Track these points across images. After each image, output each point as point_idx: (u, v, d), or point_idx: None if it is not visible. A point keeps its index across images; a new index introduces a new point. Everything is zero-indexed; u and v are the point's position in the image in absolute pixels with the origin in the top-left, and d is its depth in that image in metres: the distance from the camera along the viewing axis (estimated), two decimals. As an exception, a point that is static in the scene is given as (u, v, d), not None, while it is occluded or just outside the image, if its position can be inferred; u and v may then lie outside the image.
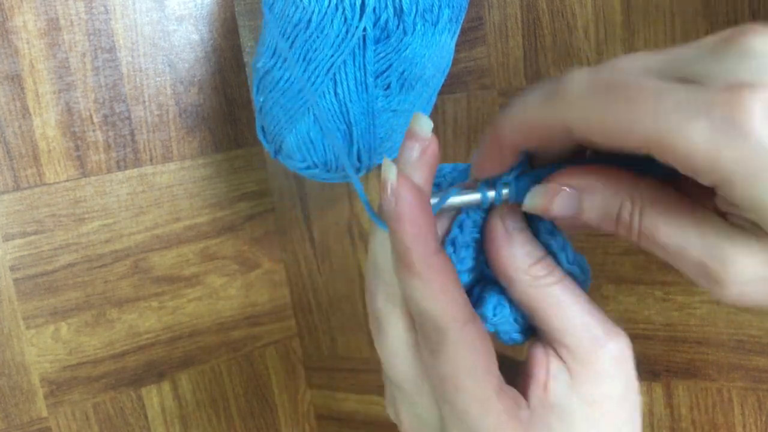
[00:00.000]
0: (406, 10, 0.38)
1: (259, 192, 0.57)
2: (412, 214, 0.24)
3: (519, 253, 0.26)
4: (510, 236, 0.26)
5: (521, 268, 0.26)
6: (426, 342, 0.25)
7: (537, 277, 0.26)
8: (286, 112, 0.42)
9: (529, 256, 0.26)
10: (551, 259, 0.27)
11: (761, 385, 0.41)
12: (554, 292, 0.26)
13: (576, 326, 0.26)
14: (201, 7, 0.53)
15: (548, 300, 0.26)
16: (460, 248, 0.28)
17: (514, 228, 0.27)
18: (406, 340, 0.27)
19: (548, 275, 0.26)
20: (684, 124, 0.20)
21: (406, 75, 0.40)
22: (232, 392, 0.57)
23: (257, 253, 0.57)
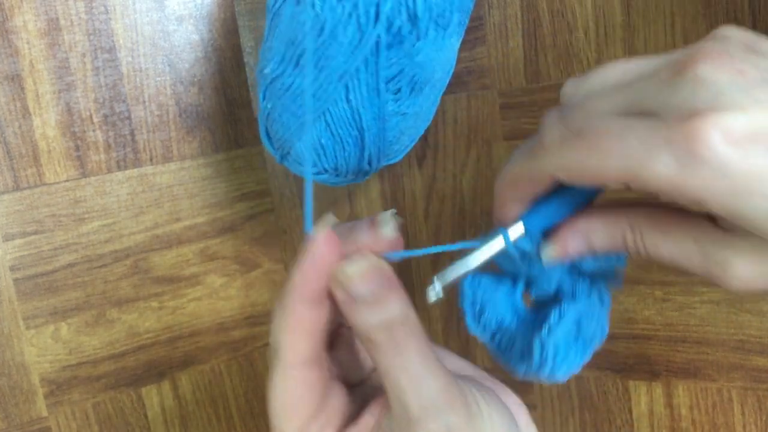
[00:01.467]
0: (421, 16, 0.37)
1: (259, 192, 0.57)
2: (308, 265, 0.27)
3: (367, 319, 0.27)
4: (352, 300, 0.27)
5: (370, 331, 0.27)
6: (269, 355, 0.29)
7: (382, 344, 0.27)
8: (297, 118, 0.41)
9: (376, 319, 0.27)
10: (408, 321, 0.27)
11: (761, 385, 0.42)
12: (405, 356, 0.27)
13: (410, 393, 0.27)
14: (201, 7, 0.53)
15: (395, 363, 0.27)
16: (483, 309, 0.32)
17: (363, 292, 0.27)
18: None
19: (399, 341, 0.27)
20: (649, 162, 0.23)
21: (416, 79, 0.40)
22: (232, 392, 0.57)
23: (257, 253, 0.57)
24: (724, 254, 0.25)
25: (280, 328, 0.27)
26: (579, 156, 0.24)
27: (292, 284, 0.27)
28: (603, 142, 0.24)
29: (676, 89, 0.23)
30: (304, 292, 0.27)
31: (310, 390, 0.28)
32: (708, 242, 0.26)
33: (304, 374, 0.27)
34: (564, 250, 0.29)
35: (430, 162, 0.50)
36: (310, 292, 0.27)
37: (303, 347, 0.27)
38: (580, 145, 0.24)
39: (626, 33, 0.41)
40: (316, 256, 0.27)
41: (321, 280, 0.27)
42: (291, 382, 0.27)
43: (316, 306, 0.27)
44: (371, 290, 0.27)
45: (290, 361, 0.27)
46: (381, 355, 0.26)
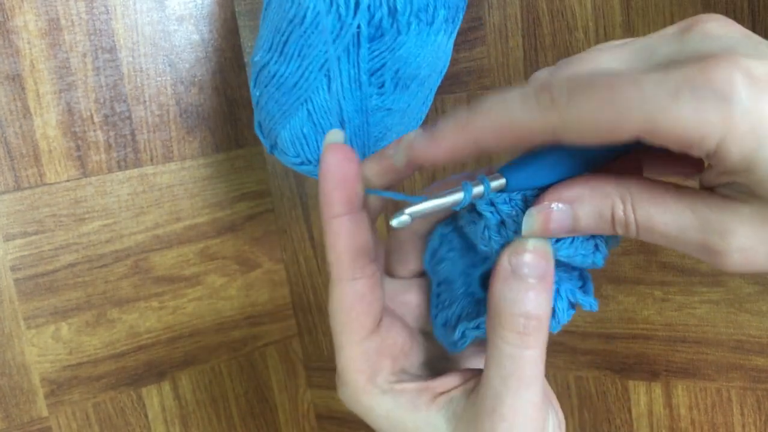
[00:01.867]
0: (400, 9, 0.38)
1: (259, 192, 0.57)
2: (323, 179, 0.27)
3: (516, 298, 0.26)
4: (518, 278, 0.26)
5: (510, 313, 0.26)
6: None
7: (521, 334, 0.26)
8: (281, 107, 0.42)
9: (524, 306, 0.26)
10: (544, 326, 0.26)
11: (760, 385, 0.42)
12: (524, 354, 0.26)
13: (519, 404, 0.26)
14: (201, 7, 0.53)
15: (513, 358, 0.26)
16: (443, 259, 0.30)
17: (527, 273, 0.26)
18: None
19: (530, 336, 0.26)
20: (670, 103, 0.21)
21: (400, 74, 0.40)
22: (232, 392, 0.57)
23: (257, 253, 0.57)
24: (723, 220, 0.23)
25: (327, 245, 0.28)
26: (591, 110, 0.22)
27: (321, 201, 0.27)
28: (619, 91, 0.21)
29: (687, 41, 0.22)
30: (329, 205, 0.27)
31: (360, 302, 0.28)
32: (706, 209, 0.23)
33: (353, 286, 0.28)
34: (546, 225, 0.26)
35: (430, 162, 0.50)
36: (335, 202, 0.27)
37: (346, 260, 0.27)
38: (592, 98, 0.22)
39: (626, 33, 0.41)
40: (329, 165, 0.27)
41: (340, 189, 0.27)
42: (342, 295, 0.28)
43: (347, 218, 0.27)
44: (537, 272, 0.26)
45: (337, 275, 0.28)
46: (504, 340, 0.26)
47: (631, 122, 0.21)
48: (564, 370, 0.48)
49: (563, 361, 0.48)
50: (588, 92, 0.22)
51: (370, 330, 0.28)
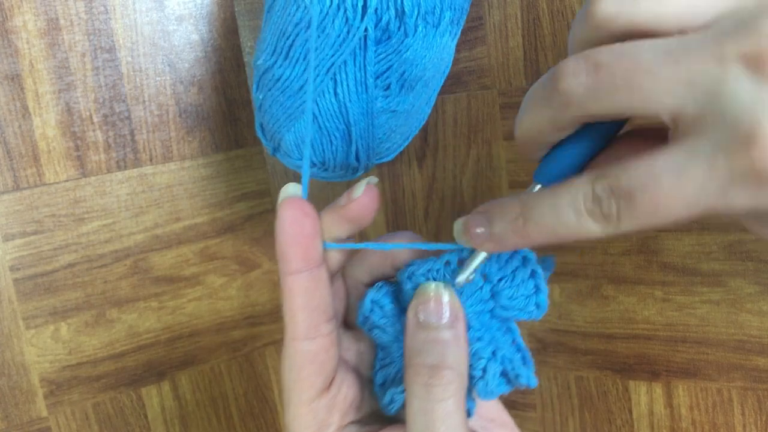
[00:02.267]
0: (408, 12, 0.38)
1: (259, 192, 0.57)
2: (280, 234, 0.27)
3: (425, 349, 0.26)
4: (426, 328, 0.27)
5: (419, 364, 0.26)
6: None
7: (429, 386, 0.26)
8: (285, 110, 0.42)
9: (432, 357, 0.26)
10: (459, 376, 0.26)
11: (761, 385, 0.41)
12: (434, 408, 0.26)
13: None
14: (201, 7, 0.53)
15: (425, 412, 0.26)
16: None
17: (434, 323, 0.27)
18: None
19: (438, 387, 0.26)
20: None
21: (406, 76, 0.40)
22: (232, 392, 0.57)
23: (257, 253, 0.57)
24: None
25: (283, 302, 0.28)
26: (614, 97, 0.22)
27: (278, 257, 0.27)
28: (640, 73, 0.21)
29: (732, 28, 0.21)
30: (286, 262, 0.27)
31: (312, 363, 0.27)
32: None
33: (306, 347, 0.27)
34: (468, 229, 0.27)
35: (430, 162, 0.50)
36: (292, 260, 0.27)
37: (301, 319, 0.27)
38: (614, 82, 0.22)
39: (626, 33, 0.41)
40: (284, 221, 0.27)
41: (298, 246, 0.27)
42: (296, 354, 0.27)
43: (304, 275, 0.27)
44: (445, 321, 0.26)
45: (291, 334, 0.27)
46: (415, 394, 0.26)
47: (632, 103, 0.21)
48: (564, 370, 0.48)
49: (563, 361, 0.47)
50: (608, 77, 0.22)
51: (321, 390, 0.28)
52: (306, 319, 0.27)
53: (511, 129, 0.46)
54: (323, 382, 0.28)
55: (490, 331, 0.29)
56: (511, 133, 0.46)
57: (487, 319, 0.29)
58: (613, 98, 0.22)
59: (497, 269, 0.28)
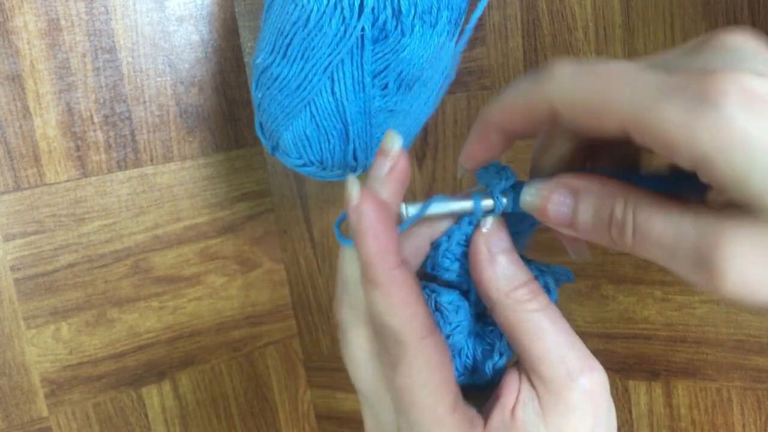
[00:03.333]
0: (405, 11, 0.38)
1: (259, 192, 0.57)
2: (373, 229, 0.25)
3: (502, 276, 0.27)
4: (493, 257, 0.27)
5: (503, 290, 0.26)
6: (386, 354, 0.26)
7: (519, 301, 0.26)
8: (283, 109, 0.42)
9: (511, 280, 0.27)
10: (536, 284, 0.27)
11: (760, 384, 0.42)
12: (534, 318, 0.26)
13: (552, 357, 0.26)
14: (201, 7, 0.53)
15: (527, 327, 0.26)
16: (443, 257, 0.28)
17: (499, 249, 0.27)
18: (368, 350, 0.27)
19: (530, 301, 0.26)
20: (659, 103, 0.21)
21: (403, 75, 0.40)
22: (232, 392, 0.57)
23: (257, 253, 0.57)
24: (721, 230, 0.21)
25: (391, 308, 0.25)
26: (587, 87, 0.23)
27: (375, 255, 0.25)
28: (615, 78, 0.22)
29: (699, 53, 0.22)
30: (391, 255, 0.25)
31: (445, 355, 0.26)
32: (706, 218, 0.22)
33: (437, 343, 0.26)
34: (545, 206, 0.25)
35: (430, 162, 0.50)
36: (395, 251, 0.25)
37: (422, 313, 0.25)
38: (590, 78, 0.23)
39: (626, 33, 0.41)
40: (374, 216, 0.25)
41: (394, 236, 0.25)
42: (431, 355, 0.25)
43: (406, 267, 0.25)
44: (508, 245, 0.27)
45: (419, 334, 0.25)
46: (527, 314, 0.26)
47: (619, 111, 0.22)
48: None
49: (563, 361, 0.48)
50: (586, 73, 0.23)
51: (455, 390, 0.26)
52: (426, 312, 0.26)
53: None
54: (453, 379, 0.26)
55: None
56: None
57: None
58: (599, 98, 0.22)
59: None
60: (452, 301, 0.28)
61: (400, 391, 0.26)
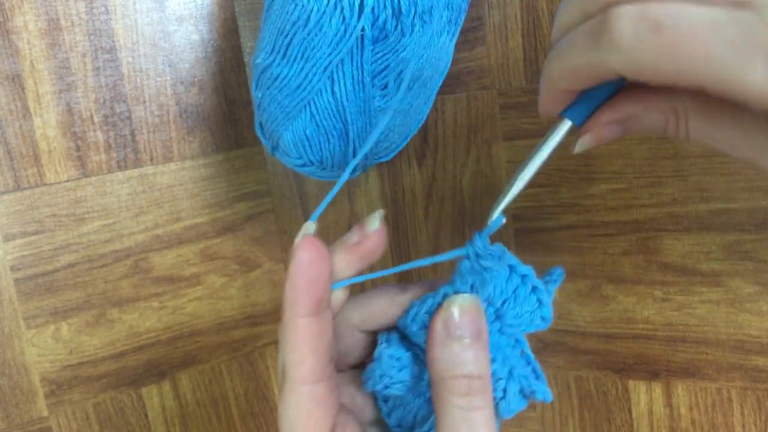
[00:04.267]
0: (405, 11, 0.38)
1: (259, 192, 0.57)
2: (296, 276, 0.26)
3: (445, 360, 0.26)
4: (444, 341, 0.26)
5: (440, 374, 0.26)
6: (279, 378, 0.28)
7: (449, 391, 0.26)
8: (283, 108, 0.42)
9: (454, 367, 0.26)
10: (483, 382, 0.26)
11: (761, 385, 0.42)
12: (454, 413, 0.26)
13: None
14: (201, 7, 0.53)
15: (446, 418, 0.26)
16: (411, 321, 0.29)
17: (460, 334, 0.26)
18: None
19: (462, 396, 0.26)
20: (740, 66, 0.20)
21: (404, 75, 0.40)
22: (233, 392, 0.57)
23: (257, 253, 0.57)
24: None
25: (284, 347, 0.27)
26: (656, 57, 0.21)
27: (287, 299, 0.26)
28: (687, 43, 0.20)
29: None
30: (298, 305, 0.26)
31: (320, 406, 0.27)
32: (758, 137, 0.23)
33: (313, 391, 0.27)
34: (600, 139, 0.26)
35: (430, 162, 0.50)
36: (304, 303, 0.26)
37: (310, 363, 0.27)
38: (659, 44, 0.21)
39: (626, 33, 0.41)
40: (300, 264, 0.26)
41: (312, 289, 0.26)
42: (301, 399, 0.27)
43: (314, 318, 0.27)
44: (471, 331, 0.26)
45: (299, 379, 0.27)
46: (452, 404, 0.25)
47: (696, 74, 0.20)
48: (564, 370, 0.48)
49: (563, 360, 0.48)
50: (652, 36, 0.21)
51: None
52: (315, 362, 0.27)
53: (511, 129, 0.46)
54: (329, 425, 0.27)
55: (501, 351, 0.29)
56: (512, 133, 0.46)
57: (496, 339, 0.29)
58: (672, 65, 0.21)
59: (499, 292, 0.29)
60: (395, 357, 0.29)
61: (278, 418, 0.28)
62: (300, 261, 0.26)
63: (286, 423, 0.27)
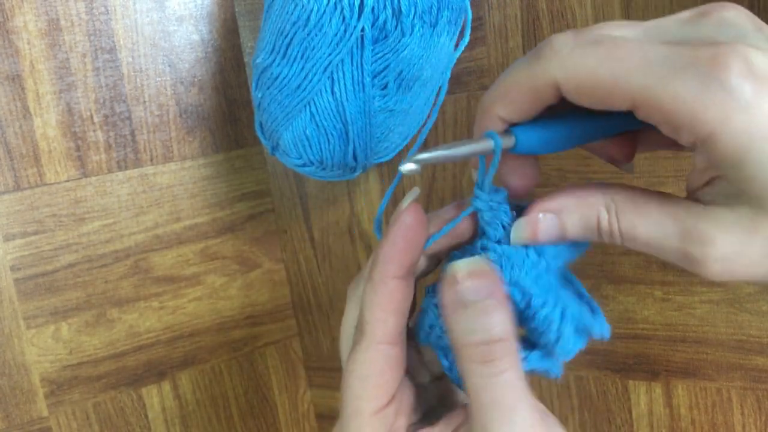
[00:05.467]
0: (405, 11, 0.38)
1: (259, 192, 0.57)
2: (395, 237, 0.26)
3: (461, 328, 0.25)
4: (456, 307, 0.26)
5: (458, 342, 0.26)
6: (354, 336, 0.28)
7: (470, 359, 0.25)
8: (283, 108, 0.42)
9: (471, 334, 0.25)
10: (505, 345, 0.25)
11: (761, 385, 0.42)
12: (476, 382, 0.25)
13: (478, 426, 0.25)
14: (201, 7, 0.53)
15: (469, 385, 0.25)
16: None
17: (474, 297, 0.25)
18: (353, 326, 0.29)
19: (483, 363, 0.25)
20: (669, 80, 0.20)
21: (403, 75, 0.40)
22: (232, 392, 0.57)
23: (257, 253, 0.57)
24: (704, 227, 0.23)
25: (367, 303, 0.27)
26: (592, 62, 0.22)
27: (383, 258, 0.26)
28: (621, 52, 0.21)
29: (700, 26, 0.22)
30: (394, 264, 0.26)
31: (394, 368, 0.27)
32: (688, 218, 0.23)
33: (389, 351, 0.27)
34: (534, 233, 0.26)
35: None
36: (400, 263, 0.26)
37: (392, 323, 0.27)
38: (596, 52, 0.22)
39: (626, 33, 0.41)
40: (405, 225, 0.26)
41: (410, 252, 0.26)
42: (378, 358, 0.27)
43: (404, 281, 0.27)
44: (479, 297, 0.25)
45: (379, 338, 0.27)
46: (473, 373, 0.25)
47: (629, 86, 0.21)
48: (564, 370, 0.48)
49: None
50: (592, 47, 0.22)
51: (392, 396, 0.27)
52: (396, 323, 0.27)
53: (510, 129, 0.46)
54: (396, 387, 0.27)
55: (552, 292, 0.28)
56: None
57: (545, 281, 0.28)
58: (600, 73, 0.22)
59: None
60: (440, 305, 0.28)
61: (345, 371, 0.28)
62: (403, 223, 0.26)
63: (356, 380, 0.27)
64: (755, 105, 0.20)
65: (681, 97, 0.20)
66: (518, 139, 0.25)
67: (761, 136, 0.20)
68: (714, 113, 0.20)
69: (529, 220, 0.26)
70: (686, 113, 0.21)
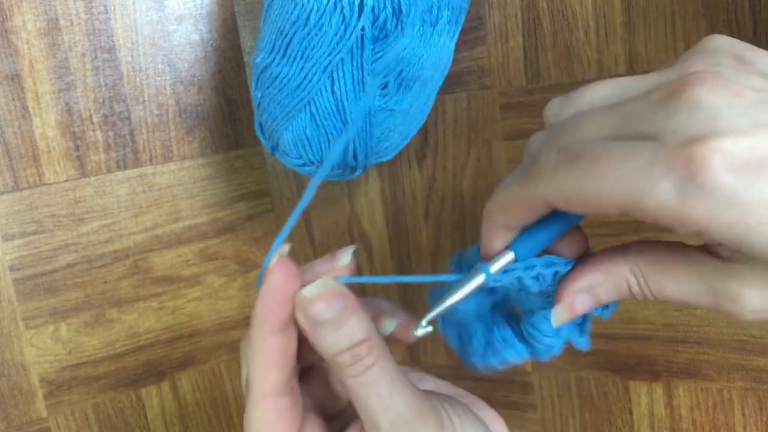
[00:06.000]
0: (405, 11, 0.38)
1: (259, 192, 0.57)
2: (266, 297, 0.27)
3: (325, 343, 0.27)
4: (314, 327, 0.27)
5: (328, 355, 0.27)
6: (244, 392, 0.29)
7: (342, 365, 0.27)
8: (283, 108, 0.42)
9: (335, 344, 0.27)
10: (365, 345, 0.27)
11: (762, 385, 0.41)
12: (351, 383, 0.27)
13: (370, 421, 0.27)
14: (201, 7, 0.53)
15: (350, 390, 0.27)
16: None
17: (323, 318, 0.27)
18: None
19: (351, 366, 0.27)
20: (650, 189, 0.21)
21: (404, 75, 0.40)
22: (232, 392, 0.57)
23: (257, 253, 0.57)
24: (730, 287, 0.24)
25: (250, 360, 0.28)
26: (576, 181, 0.23)
27: (255, 315, 0.28)
28: (601, 167, 0.22)
29: (671, 113, 0.22)
30: (267, 322, 0.28)
31: (284, 419, 0.28)
32: (713, 277, 0.24)
33: (277, 403, 0.28)
34: (572, 312, 0.28)
35: (430, 162, 0.50)
36: (274, 320, 0.28)
37: (274, 377, 0.28)
38: (577, 170, 0.23)
39: (626, 33, 0.41)
40: (272, 283, 0.27)
41: (282, 308, 0.28)
42: (265, 412, 0.28)
43: (281, 335, 0.28)
44: (331, 313, 0.27)
45: (263, 392, 0.28)
46: (348, 376, 0.27)
47: (615, 199, 0.22)
48: (565, 370, 0.48)
49: (564, 361, 0.47)
50: (573, 164, 0.23)
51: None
52: (280, 375, 0.28)
53: (511, 129, 0.46)
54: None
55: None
56: (512, 132, 0.46)
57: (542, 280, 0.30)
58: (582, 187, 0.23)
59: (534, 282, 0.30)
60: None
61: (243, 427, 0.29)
62: (272, 282, 0.27)
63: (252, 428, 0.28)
64: (741, 195, 0.20)
65: (664, 206, 0.21)
66: (517, 253, 0.28)
67: (756, 222, 0.20)
68: (700, 214, 0.21)
69: (564, 306, 0.28)
70: (673, 218, 0.21)
